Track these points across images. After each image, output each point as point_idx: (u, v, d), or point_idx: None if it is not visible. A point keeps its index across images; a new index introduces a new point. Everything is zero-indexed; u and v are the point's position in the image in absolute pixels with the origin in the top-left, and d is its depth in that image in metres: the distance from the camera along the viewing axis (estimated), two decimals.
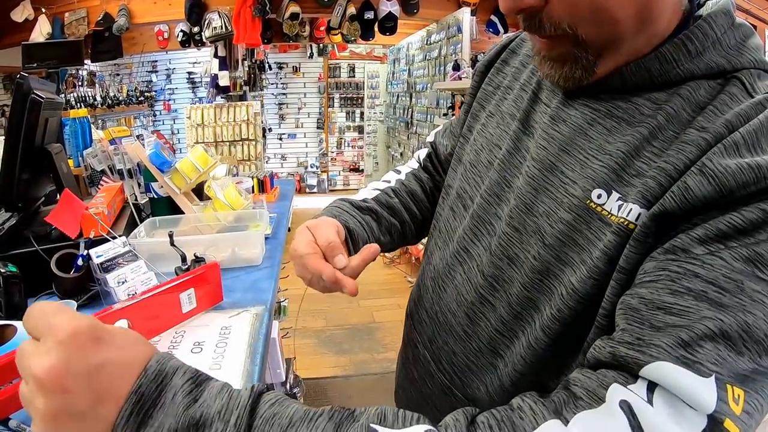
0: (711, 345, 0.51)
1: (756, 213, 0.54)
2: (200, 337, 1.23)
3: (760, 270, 0.53)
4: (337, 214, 0.96)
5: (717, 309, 0.52)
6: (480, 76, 1.00)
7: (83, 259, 1.38)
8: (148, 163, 2.04)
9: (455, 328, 0.88)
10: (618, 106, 0.70)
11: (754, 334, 0.52)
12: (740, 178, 0.55)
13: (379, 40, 6.30)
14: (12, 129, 1.52)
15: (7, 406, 0.90)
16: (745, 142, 0.58)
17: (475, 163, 0.91)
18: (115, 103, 7.16)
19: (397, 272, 5.41)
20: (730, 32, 0.67)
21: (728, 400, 0.49)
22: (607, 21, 0.64)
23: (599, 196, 0.68)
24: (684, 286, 0.55)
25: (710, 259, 0.55)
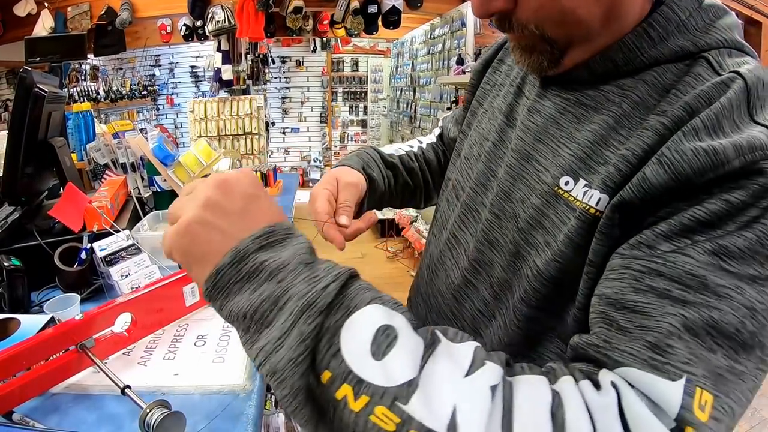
0: (681, 344, 0.50)
1: (719, 204, 0.54)
2: (203, 330, 1.23)
3: (726, 263, 0.53)
4: (366, 162, 1.02)
5: (680, 306, 0.52)
6: (478, 74, 1.03)
7: (86, 253, 1.39)
8: (152, 157, 2.04)
9: (444, 309, 0.92)
10: (587, 95, 0.72)
11: (723, 329, 0.51)
12: (696, 165, 0.55)
13: (383, 34, 6.26)
14: (15, 123, 1.52)
15: (11, 399, 0.91)
16: (705, 126, 0.57)
17: (468, 156, 0.95)
18: (118, 97, 7.16)
19: (400, 266, 5.40)
20: (697, 14, 0.66)
21: (693, 407, 0.48)
22: (573, 22, 0.66)
23: (567, 182, 0.70)
24: (647, 285, 0.55)
25: (673, 256, 0.55)
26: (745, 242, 0.52)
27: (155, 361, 1.11)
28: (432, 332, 0.53)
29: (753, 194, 0.53)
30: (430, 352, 0.50)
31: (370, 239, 6.34)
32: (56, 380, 0.99)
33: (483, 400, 0.47)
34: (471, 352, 0.52)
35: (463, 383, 0.48)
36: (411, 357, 0.49)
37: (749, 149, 0.53)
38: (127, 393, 0.91)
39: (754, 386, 0.52)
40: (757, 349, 0.52)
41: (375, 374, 0.47)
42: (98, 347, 1.03)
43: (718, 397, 0.49)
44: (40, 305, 1.31)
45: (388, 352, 0.48)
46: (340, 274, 0.53)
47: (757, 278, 0.52)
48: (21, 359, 0.92)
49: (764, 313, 0.52)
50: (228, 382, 1.02)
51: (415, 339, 0.51)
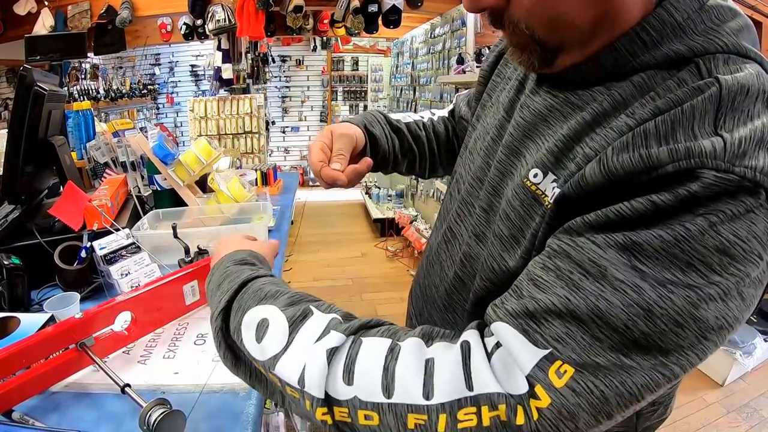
0: (558, 322, 0.55)
1: (645, 204, 0.53)
2: (203, 329, 1.23)
3: (638, 260, 0.53)
4: (370, 122, 1.05)
5: (570, 289, 0.55)
6: (490, 66, 1.02)
7: (86, 251, 1.38)
8: (152, 156, 2.04)
9: (437, 302, 0.94)
10: (576, 94, 0.71)
11: (608, 320, 0.52)
12: (628, 167, 0.55)
13: (383, 33, 6.25)
14: (15, 121, 1.51)
15: (11, 397, 0.91)
16: (657, 132, 0.55)
17: (471, 150, 0.95)
18: (118, 96, 7.16)
19: (399, 266, 5.40)
20: (697, 16, 0.62)
21: (548, 369, 0.53)
22: (564, 26, 0.65)
23: (535, 175, 0.70)
24: (554, 264, 0.58)
25: (583, 242, 0.57)
26: (662, 243, 0.52)
27: (155, 360, 1.11)
28: (305, 308, 0.67)
29: (680, 199, 0.52)
30: (297, 327, 0.65)
31: (370, 239, 6.34)
32: (56, 379, 0.99)
33: (320, 360, 0.60)
34: (325, 323, 0.65)
35: (311, 347, 0.62)
36: (277, 337, 0.65)
37: (685, 155, 0.52)
38: (127, 392, 0.91)
39: (644, 384, 0.53)
40: (656, 351, 0.52)
41: (259, 353, 0.66)
42: (98, 346, 1.03)
43: (581, 373, 0.52)
44: (40, 304, 1.31)
45: (263, 338, 0.66)
46: (232, 286, 0.74)
47: (667, 282, 0.51)
48: (21, 358, 0.92)
49: (664, 318, 0.51)
50: (228, 380, 1.02)
51: (282, 322, 0.66)
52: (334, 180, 0.88)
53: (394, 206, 6.69)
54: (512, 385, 0.54)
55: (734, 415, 2.87)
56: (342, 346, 0.62)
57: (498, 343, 0.58)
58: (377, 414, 0.57)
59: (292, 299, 0.69)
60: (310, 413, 0.61)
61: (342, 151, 0.93)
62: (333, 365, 0.60)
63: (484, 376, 0.55)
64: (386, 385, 0.58)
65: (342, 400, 0.59)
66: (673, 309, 0.51)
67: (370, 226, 6.78)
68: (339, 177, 0.88)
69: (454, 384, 0.55)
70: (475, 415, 0.54)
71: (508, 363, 0.55)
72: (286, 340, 0.64)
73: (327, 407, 0.59)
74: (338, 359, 0.61)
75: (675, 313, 0.51)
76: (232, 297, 0.72)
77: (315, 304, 0.68)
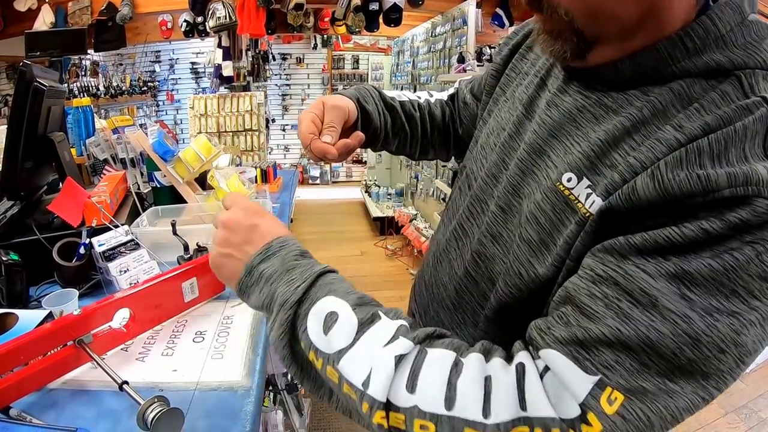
0: (608, 350, 0.55)
1: (696, 231, 0.53)
2: (202, 326, 1.23)
3: (687, 288, 0.53)
4: (363, 95, 1.04)
5: (621, 320, 0.55)
6: (505, 59, 0.99)
7: (85, 248, 1.38)
8: (151, 152, 2.04)
9: (445, 300, 0.93)
10: (610, 96, 0.70)
11: (658, 349, 0.53)
12: (686, 188, 0.54)
13: (384, 32, 6.24)
14: (15, 117, 1.51)
15: (8, 394, 0.90)
16: (711, 150, 0.55)
17: (484, 145, 0.93)
18: (117, 93, 7.15)
19: (399, 264, 5.40)
20: (739, 30, 0.62)
21: (600, 397, 0.54)
22: (607, 17, 0.63)
23: (569, 179, 0.69)
24: (602, 291, 0.58)
25: (633, 270, 0.56)
26: (711, 272, 0.52)
27: (153, 357, 1.10)
28: (374, 312, 0.67)
29: (732, 227, 0.52)
30: (365, 329, 0.65)
31: (370, 237, 6.34)
32: (54, 375, 0.99)
33: (389, 365, 0.60)
34: (394, 329, 0.64)
35: (380, 351, 0.62)
36: (345, 333, 0.64)
37: (744, 182, 0.52)
38: (125, 389, 0.91)
39: (686, 407, 0.54)
40: (698, 376, 0.53)
41: (323, 345, 0.65)
42: (96, 343, 1.03)
43: (630, 400, 0.53)
44: (39, 300, 1.31)
45: (330, 330, 0.65)
46: (309, 276, 0.71)
47: (714, 310, 0.52)
48: (19, 354, 0.92)
49: (710, 346, 0.52)
50: (226, 378, 1.02)
51: (352, 319, 0.65)
52: (324, 153, 0.87)
53: (393, 205, 6.68)
54: (564, 410, 0.55)
55: (733, 416, 2.87)
56: (409, 354, 0.62)
57: (546, 367, 0.58)
58: (434, 425, 0.57)
59: (362, 300, 0.69)
60: (365, 414, 0.61)
61: (333, 123, 0.91)
62: (399, 372, 0.60)
63: (538, 399, 0.56)
64: (448, 397, 0.58)
65: (401, 407, 0.59)
66: (718, 336, 0.52)
67: (370, 224, 6.78)
68: (329, 150, 0.87)
69: (511, 405, 0.56)
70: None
71: (558, 388, 0.56)
72: (353, 337, 0.64)
73: (385, 411, 0.60)
74: (404, 366, 0.61)
75: (720, 340, 0.52)
76: (309, 287, 0.70)
77: (382, 310, 0.68)
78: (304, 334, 0.67)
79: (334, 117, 0.92)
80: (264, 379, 1.10)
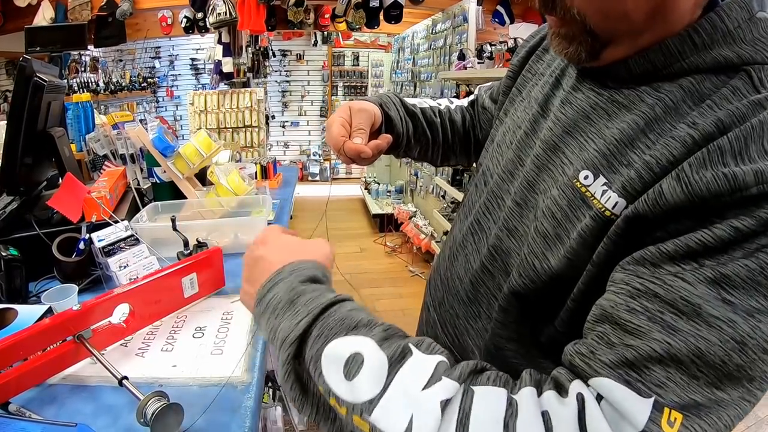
0: (659, 367, 0.53)
1: (727, 231, 0.53)
2: (202, 321, 1.23)
3: (726, 291, 0.52)
4: (386, 102, 1.05)
5: (668, 332, 0.53)
6: (521, 61, 1.01)
7: (85, 243, 1.38)
8: (151, 148, 2.03)
9: (460, 293, 0.92)
10: (622, 93, 0.71)
11: (707, 359, 0.51)
12: (714, 188, 0.54)
13: (384, 29, 6.23)
14: (15, 112, 1.51)
15: (8, 389, 0.90)
16: (732, 148, 0.55)
17: (500, 143, 0.95)
18: (117, 88, 7.14)
19: (398, 261, 5.40)
20: (746, 26, 0.63)
21: (661, 421, 0.51)
22: (617, 15, 0.64)
23: (586, 177, 0.69)
24: (642, 305, 0.56)
25: (672, 280, 0.55)
26: (748, 273, 0.52)
27: (153, 353, 1.10)
28: (404, 346, 0.59)
29: (763, 223, 0.52)
30: (396, 368, 0.57)
31: (369, 234, 6.35)
32: (53, 371, 0.99)
33: (434, 412, 0.54)
34: (433, 366, 0.58)
35: (419, 396, 0.55)
36: (373, 377, 0.57)
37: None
38: (124, 384, 0.91)
39: (736, 414, 0.53)
40: (744, 380, 0.52)
41: (346, 393, 0.57)
42: (96, 338, 1.03)
43: (688, 417, 0.51)
44: (38, 295, 1.31)
45: (356, 376, 0.57)
46: (314, 308, 0.63)
47: (755, 311, 0.52)
48: (18, 349, 0.92)
49: (755, 348, 0.51)
50: (226, 374, 1.02)
51: (380, 359, 0.58)
52: (359, 153, 0.88)
53: (393, 202, 6.69)
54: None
55: None
56: (455, 397, 0.56)
57: (600, 395, 0.55)
58: None
59: (387, 332, 0.62)
60: None
61: (362, 125, 0.93)
62: (446, 419, 0.54)
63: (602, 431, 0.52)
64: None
65: None
66: (762, 338, 0.51)
67: (369, 221, 6.78)
68: (364, 150, 0.88)
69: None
70: None
71: (616, 417, 0.53)
72: (384, 382, 0.57)
73: None
74: (451, 412, 0.55)
75: (764, 341, 0.51)
76: (313, 321, 0.63)
77: (412, 342, 0.61)
78: (320, 379, 0.59)
79: (362, 120, 0.94)
80: (264, 375, 1.10)
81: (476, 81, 4.15)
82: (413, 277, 4.92)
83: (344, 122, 0.94)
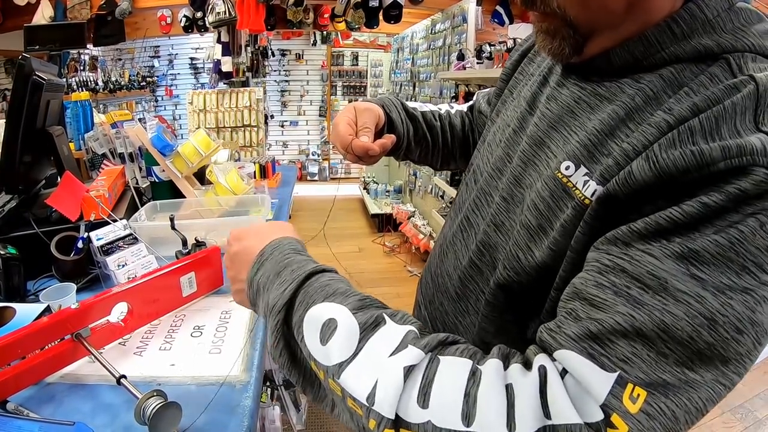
0: (624, 341, 0.52)
1: (696, 207, 0.52)
2: (200, 321, 1.23)
3: (695, 267, 0.52)
4: (387, 104, 1.07)
5: (632, 306, 0.53)
6: (514, 64, 1.02)
7: (83, 242, 1.38)
8: (150, 147, 2.03)
9: (450, 290, 0.93)
10: (603, 85, 0.72)
11: (674, 334, 0.51)
12: (681, 164, 0.54)
13: (384, 29, 6.23)
14: (13, 111, 1.51)
15: (6, 388, 0.90)
16: (702, 128, 0.55)
17: (490, 142, 0.96)
18: (116, 87, 7.14)
19: (396, 261, 5.40)
20: (726, 15, 0.64)
21: (622, 396, 0.51)
22: (596, 6, 0.65)
23: (567, 167, 0.70)
24: (609, 280, 0.56)
25: (640, 255, 0.55)
26: (718, 248, 0.51)
27: (151, 352, 1.10)
28: (378, 316, 0.62)
29: (732, 198, 0.51)
30: (368, 335, 0.60)
31: (368, 234, 6.35)
32: (51, 369, 0.99)
33: (396, 377, 0.56)
34: (402, 335, 0.60)
35: (385, 362, 0.58)
36: (345, 342, 0.60)
37: (738, 153, 0.52)
38: (123, 383, 0.91)
39: (709, 397, 0.52)
40: (718, 361, 0.52)
41: (322, 357, 0.61)
42: (94, 337, 1.03)
43: (653, 395, 0.51)
44: (36, 294, 1.31)
45: (329, 340, 0.61)
46: (297, 276, 0.68)
47: (726, 288, 0.51)
48: (16, 348, 0.92)
49: (727, 326, 0.51)
50: (224, 373, 1.02)
51: (352, 326, 0.61)
52: (366, 150, 0.92)
53: (391, 202, 6.69)
54: (587, 414, 0.52)
55: (729, 416, 2.88)
56: (419, 364, 0.57)
57: (565, 369, 0.55)
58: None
59: (363, 302, 0.65)
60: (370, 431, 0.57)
61: (368, 124, 0.97)
62: (408, 384, 0.56)
63: (562, 406, 0.52)
64: (467, 412, 0.53)
65: (413, 423, 0.54)
66: (734, 315, 0.51)
67: (368, 221, 6.79)
68: (371, 147, 0.92)
69: (535, 414, 0.52)
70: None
71: (579, 390, 0.53)
72: (355, 348, 0.60)
73: (394, 429, 0.55)
74: (415, 378, 0.56)
75: (736, 319, 0.51)
76: (297, 288, 0.67)
77: (387, 312, 0.63)
78: (303, 343, 0.64)
79: (367, 119, 0.98)
80: (262, 374, 1.10)
81: (475, 81, 4.15)
82: (412, 276, 4.92)
83: (350, 121, 0.97)
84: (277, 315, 0.66)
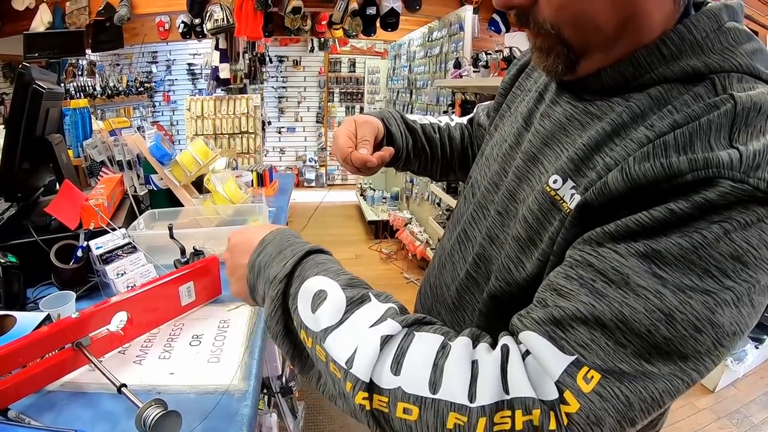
0: (583, 328, 0.57)
1: (663, 212, 0.55)
2: (199, 330, 1.24)
3: (657, 266, 0.55)
4: (387, 117, 1.10)
5: (595, 296, 0.57)
6: (511, 78, 1.04)
7: (83, 251, 1.39)
8: (149, 156, 2.04)
9: (447, 300, 0.96)
10: (595, 104, 0.74)
11: (632, 326, 0.54)
12: (650, 175, 0.57)
13: (381, 36, 6.25)
14: (13, 119, 1.52)
15: (6, 396, 0.91)
16: (676, 143, 0.58)
17: (488, 157, 0.98)
18: (114, 93, 7.12)
19: (393, 268, 5.41)
20: (715, 36, 0.66)
21: (576, 375, 0.55)
22: (589, 27, 0.67)
23: (555, 181, 0.73)
24: (577, 273, 0.60)
25: (606, 252, 0.59)
26: (680, 251, 0.54)
27: (150, 360, 1.11)
28: (364, 294, 0.68)
29: (698, 207, 0.54)
30: (354, 309, 0.66)
31: (364, 240, 6.35)
32: (52, 378, 1.00)
33: (374, 345, 0.61)
34: (383, 310, 0.66)
35: (366, 332, 0.63)
36: (333, 311, 0.66)
37: (704, 165, 0.55)
38: (123, 391, 0.92)
39: (666, 389, 0.54)
40: (676, 356, 0.54)
41: (311, 323, 0.66)
42: (94, 345, 1.04)
43: (607, 379, 0.54)
44: (36, 302, 1.31)
45: (318, 308, 0.66)
46: (298, 252, 0.74)
47: (686, 287, 0.54)
48: (17, 356, 0.93)
49: (685, 323, 0.53)
50: (223, 382, 1.03)
51: (340, 298, 0.67)
52: (365, 162, 0.95)
53: (388, 208, 6.69)
54: (544, 391, 0.55)
55: (725, 421, 2.89)
56: (396, 336, 0.62)
57: (527, 350, 0.59)
58: (418, 408, 0.58)
59: (353, 281, 0.71)
60: (348, 395, 0.61)
61: (367, 137, 1.00)
62: (384, 353, 0.61)
63: (519, 381, 0.56)
64: (433, 380, 0.58)
65: (385, 389, 0.59)
66: (692, 314, 0.53)
67: (365, 227, 6.79)
68: (369, 159, 0.95)
69: (494, 388, 0.56)
70: (509, 419, 0.55)
71: (538, 369, 0.57)
72: (341, 317, 0.65)
73: (368, 392, 0.60)
74: (390, 348, 0.61)
75: (694, 318, 0.53)
76: (297, 263, 0.72)
77: (373, 292, 0.69)
78: (295, 313, 0.69)
79: (366, 132, 1.01)
80: (260, 383, 1.11)
81: (471, 89, 4.17)
82: (408, 283, 4.93)
83: (350, 134, 1.00)
84: (278, 285, 0.71)
